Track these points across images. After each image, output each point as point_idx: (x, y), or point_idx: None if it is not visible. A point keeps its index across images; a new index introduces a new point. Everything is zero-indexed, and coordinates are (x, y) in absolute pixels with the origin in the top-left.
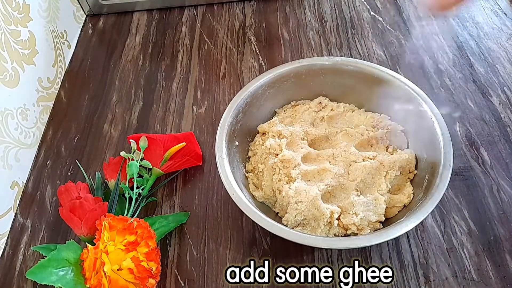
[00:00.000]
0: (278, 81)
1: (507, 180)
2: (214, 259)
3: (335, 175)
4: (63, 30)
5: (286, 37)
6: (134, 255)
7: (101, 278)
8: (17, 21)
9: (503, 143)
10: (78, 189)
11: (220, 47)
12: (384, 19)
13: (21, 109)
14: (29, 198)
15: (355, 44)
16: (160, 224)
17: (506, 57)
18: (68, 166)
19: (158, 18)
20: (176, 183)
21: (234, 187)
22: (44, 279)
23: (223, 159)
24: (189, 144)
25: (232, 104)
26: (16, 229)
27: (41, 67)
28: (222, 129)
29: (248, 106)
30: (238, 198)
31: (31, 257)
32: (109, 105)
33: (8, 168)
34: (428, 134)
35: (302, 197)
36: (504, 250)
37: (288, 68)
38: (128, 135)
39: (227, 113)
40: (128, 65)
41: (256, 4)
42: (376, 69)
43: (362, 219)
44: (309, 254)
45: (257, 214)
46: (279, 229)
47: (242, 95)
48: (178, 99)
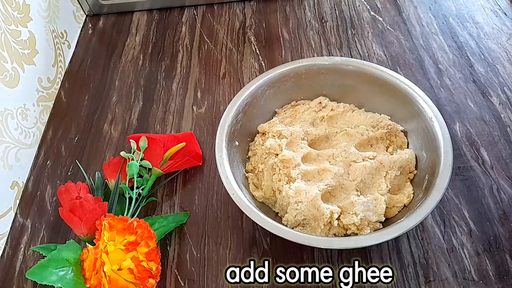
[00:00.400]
0: (278, 81)
1: (507, 180)
2: (214, 259)
3: (335, 175)
4: (63, 30)
5: (286, 37)
6: (134, 255)
7: (101, 278)
8: (17, 21)
9: (503, 143)
10: (78, 189)
11: (220, 47)
12: (384, 19)
13: (21, 109)
14: (29, 198)
15: (355, 44)
16: (160, 224)
17: (506, 57)
18: (68, 166)
19: (158, 18)
20: (176, 183)
21: (234, 187)
22: (44, 279)
23: (223, 159)
24: (189, 144)
25: (232, 104)
26: (16, 229)
27: (41, 67)
28: (222, 129)
29: (248, 106)
30: (238, 198)
31: (31, 257)
32: (109, 105)
33: (8, 168)
34: (428, 134)
35: (302, 197)
36: (504, 250)
37: (288, 68)
38: (128, 135)
39: (227, 113)
40: (128, 65)
41: (256, 4)
42: (376, 69)
43: (362, 219)
44: (309, 254)
45: (257, 214)
46: (279, 229)
47: (243, 95)
48: (178, 99)
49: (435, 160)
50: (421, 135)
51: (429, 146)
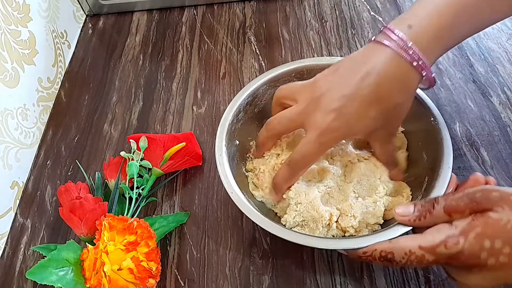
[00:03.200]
0: (280, 80)
1: (507, 180)
2: (214, 259)
3: (333, 175)
4: (63, 30)
5: (286, 37)
6: (134, 255)
7: (101, 278)
8: (17, 21)
9: (503, 143)
10: (78, 189)
11: (220, 47)
12: (384, 19)
13: (21, 109)
14: (29, 198)
15: (355, 44)
16: (160, 224)
17: (506, 57)
18: (68, 166)
19: (158, 18)
20: (176, 183)
21: (233, 186)
22: (44, 279)
23: (223, 158)
24: (189, 144)
25: (233, 102)
26: (16, 229)
27: (41, 67)
28: (222, 127)
29: (249, 105)
30: (237, 197)
31: (31, 257)
32: (109, 105)
33: (8, 168)
34: (428, 135)
35: (302, 198)
36: None
37: (290, 68)
38: (128, 135)
39: (228, 112)
40: (128, 65)
41: (256, 4)
42: None
43: (361, 221)
44: (309, 255)
45: (255, 214)
46: (278, 229)
47: (244, 94)
48: (178, 99)
49: (435, 161)
50: (421, 136)
51: (429, 147)
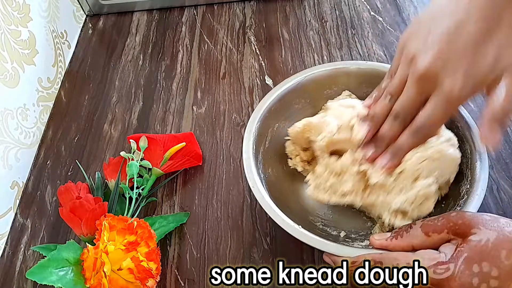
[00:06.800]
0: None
1: (507, 180)
2: (214, 259)
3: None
4: (63, 30)
5: (286, 37)
6: (134, 255)
7: (101, 278)
8: (17, 21)
9: (503, 143)
10: (78, 189)
11: (220, 47)
12: (384, 19)
13: (21, 109)
14: (29, 198)
15: (355, 44)
16: (160, 224)
17: None
18: (68, 166)
19: (158, 18)
20: (176, 183)
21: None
22: (44, 279)
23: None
24: (189, 144)
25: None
26: (16, 229)
27: (41, 67)
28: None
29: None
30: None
31: (31, 257)
32: (109, 105)
33: (8, 168)
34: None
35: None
36: None
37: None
38: (128, 135)
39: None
40: (128, 65)
41: (256, 4)
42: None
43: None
44: (309, 254)
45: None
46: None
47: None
48: (178, 99)
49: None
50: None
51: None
